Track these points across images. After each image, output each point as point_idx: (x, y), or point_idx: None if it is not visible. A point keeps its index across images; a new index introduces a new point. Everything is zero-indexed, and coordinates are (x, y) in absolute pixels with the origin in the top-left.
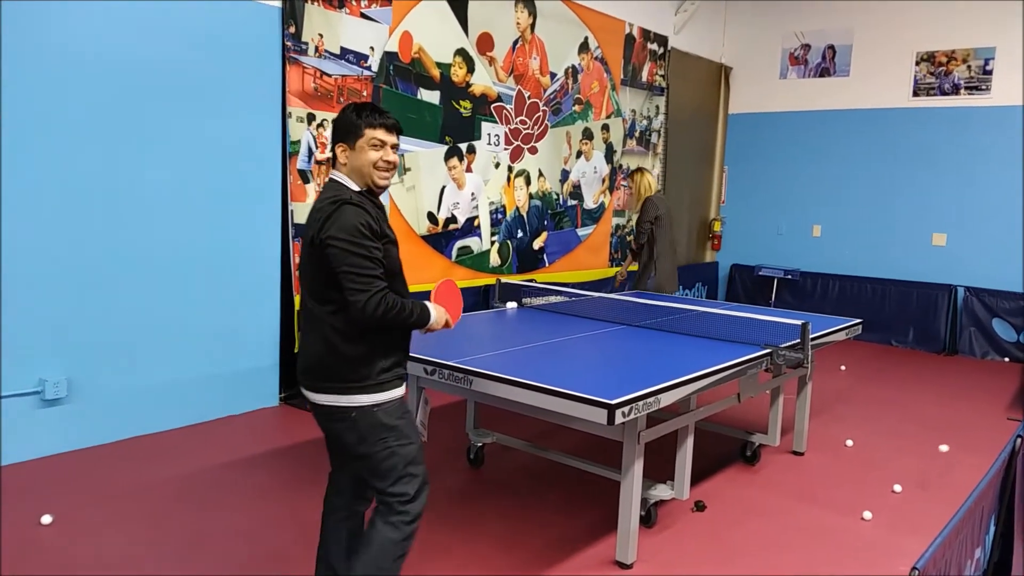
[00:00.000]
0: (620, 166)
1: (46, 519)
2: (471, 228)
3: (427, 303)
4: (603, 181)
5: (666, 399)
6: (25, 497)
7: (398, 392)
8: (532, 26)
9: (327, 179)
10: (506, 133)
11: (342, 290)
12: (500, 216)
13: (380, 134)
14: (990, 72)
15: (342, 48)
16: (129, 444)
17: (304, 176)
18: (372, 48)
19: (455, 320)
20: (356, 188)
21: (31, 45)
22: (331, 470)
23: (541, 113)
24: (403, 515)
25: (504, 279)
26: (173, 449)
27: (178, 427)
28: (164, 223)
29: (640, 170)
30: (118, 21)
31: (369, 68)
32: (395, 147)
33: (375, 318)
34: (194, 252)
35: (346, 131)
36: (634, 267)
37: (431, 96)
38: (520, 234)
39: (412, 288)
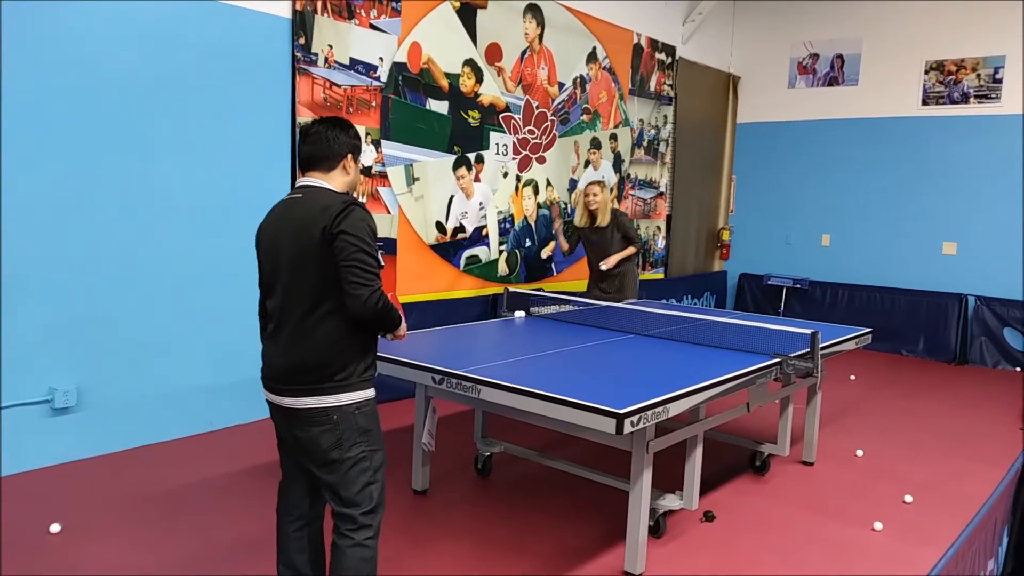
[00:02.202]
0: (628, 175)
1: (55, 527)
2: (479, 237)
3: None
4: (611, 191)
5: (675, 408)
6: (34, 505)
7: (373, 391)
8: (540, 36)
9: (306, 185)
10: (514, 143)
11: (340, 285)
12: (508, 225)
13: None
14: (1000, 81)
15: (351, 59)
16: (138, 453)
17: None
18: (381, 59)
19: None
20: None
21: (42, 53)
22: (282, 482)
23: (549, 123)
24: (367, 529)
25: (512, 288)
26: (182, 458)
27: (187, 436)
28: (174, 232)
29: (603, 183)
30: (129, 31)
31: (378, 79)
32: None
33: (374, 311)
34: (204, 261)
35: (357, 147)
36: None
37: (440, 106)
38: (528, 243)
39: (417, 298)
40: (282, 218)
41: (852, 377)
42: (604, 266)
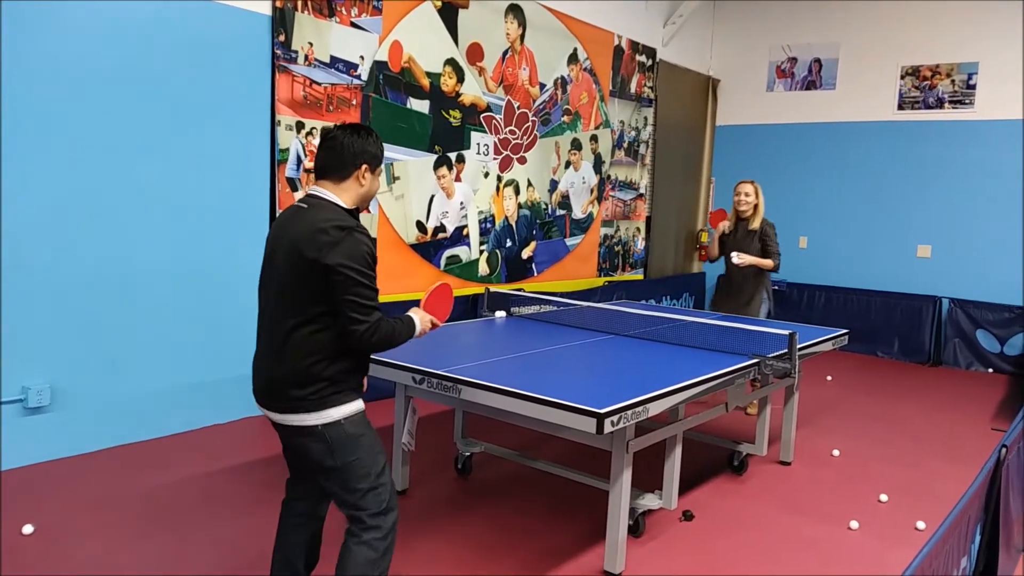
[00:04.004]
0: (608, 177)
1: (28, 529)
2: (460, 237)
3: (411, 313)
4: (591, 191)
5: (655, 408)
6: (7, 506)
7: (361, 403)
8: (522, 37)
9: (313, 195)
10: (495, 143)
11: (335, 314)
12: (489, 225)
13: None
14: (973, 86)
15: (332, 57)
16: (113, 453)
17: (292, 184)
18: (362, 57)
19: (442, 320)
20: (348, 208)
21: (19, 54)
22: (289, 477)
23: (530, 123)
24: (376, 531)
25: (493, 288)
26: (158, 458)
27: (163, 436)
28: (150, 230)
29: (756, 183)
30: (106, 29)
31: (359, 77)
32: None
33: (372, 345)
34: (180, 259)
35: (376, 156)
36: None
37: (420, 105)
38: (509, 243)
39: (397, 298)
40: (283, 228)
41: (829, 378)
42: (737, 259)
